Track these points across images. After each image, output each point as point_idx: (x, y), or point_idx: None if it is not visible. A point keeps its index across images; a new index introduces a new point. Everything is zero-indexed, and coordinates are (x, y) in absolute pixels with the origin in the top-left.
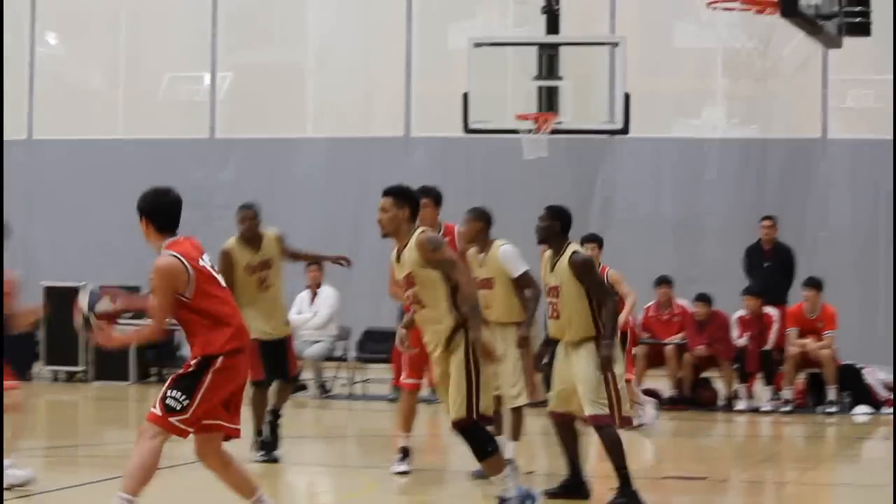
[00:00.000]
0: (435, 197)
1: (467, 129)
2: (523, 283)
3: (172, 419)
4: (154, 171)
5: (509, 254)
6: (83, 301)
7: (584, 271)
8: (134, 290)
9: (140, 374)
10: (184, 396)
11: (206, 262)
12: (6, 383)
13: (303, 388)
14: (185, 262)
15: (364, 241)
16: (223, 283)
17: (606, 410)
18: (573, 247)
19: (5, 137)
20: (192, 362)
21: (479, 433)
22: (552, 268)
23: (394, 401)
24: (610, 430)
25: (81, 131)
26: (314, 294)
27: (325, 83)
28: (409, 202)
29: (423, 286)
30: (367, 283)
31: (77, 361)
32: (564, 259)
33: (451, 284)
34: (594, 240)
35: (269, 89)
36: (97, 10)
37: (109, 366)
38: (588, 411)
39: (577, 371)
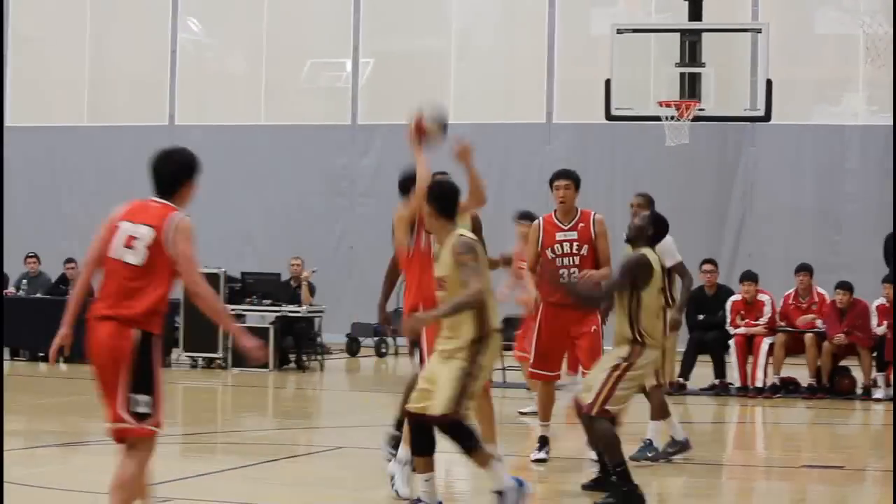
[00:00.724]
0: (575, 180)
1: (609, 116)
2: (678, 272)
3: None
4: (296, 158)
5: (667, 244)
6: None
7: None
8: (275, 276)
9: (280, 362)
10: None
11: None
12: None
13: None
14: None
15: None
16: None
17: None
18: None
19: (146, 123)
20: None
21: (462, 428)
22: None
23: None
24: (601, 423)
25: (223, 117)
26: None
27: (467, 69)
28: (434, 200)
29: (452, 291)
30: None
31: (216, 348)
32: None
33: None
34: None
35: (411, 76)
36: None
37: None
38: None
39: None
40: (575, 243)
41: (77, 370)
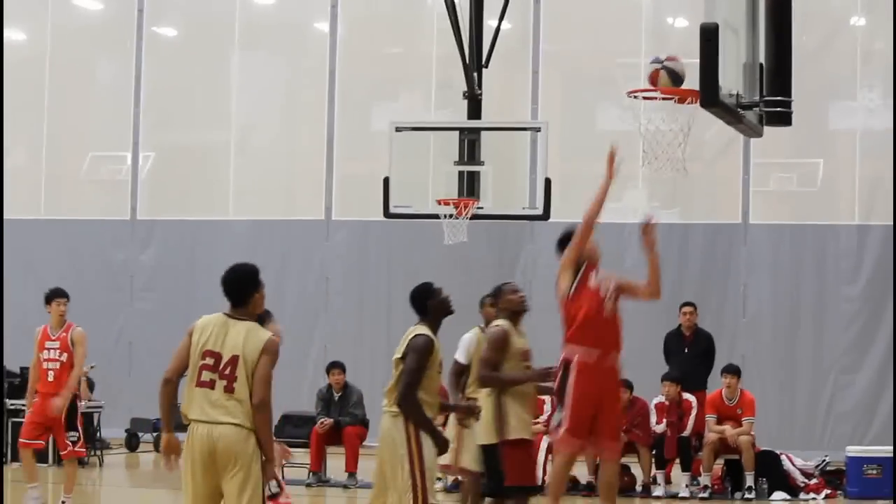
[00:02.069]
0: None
1: (388, 214)
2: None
3: None
4: (75, 252)
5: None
6: None
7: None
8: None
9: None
10: None
11: None
12: None
13: None
14: None
15: (283, 323)
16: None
17: None
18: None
19: None
20: None
21: None
22: None
23: (309, 486)
24: None
25: (4, 210)
26: None
27: (246, 164)
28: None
29: None
30: (287, 366)
31: None
32: None
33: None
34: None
35: (191, 170)
36: (20, 87)
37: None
38: None
39: None
40: None
41: None
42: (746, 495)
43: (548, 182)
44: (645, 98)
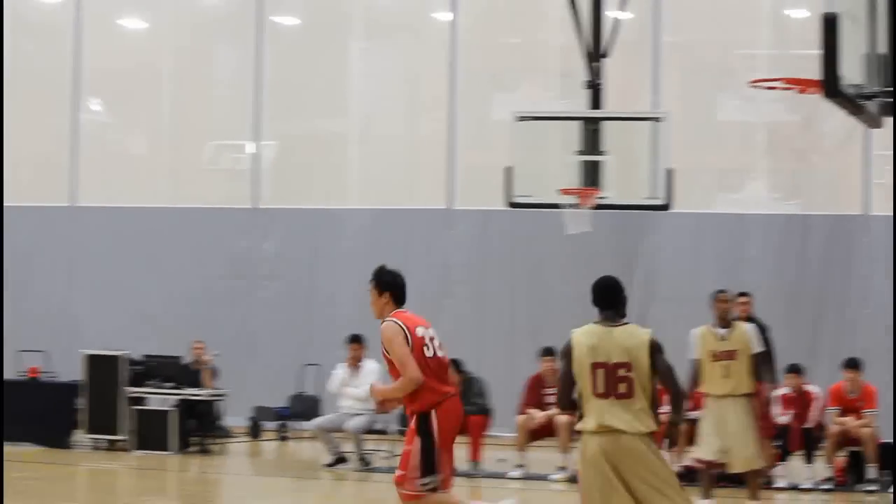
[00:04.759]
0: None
1: (510, 203)
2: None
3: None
4: (196, 241)
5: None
6: None
7: None
8: (176, 359)
9: (182, 445)
10: None
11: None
12: None
13: (343, 460)
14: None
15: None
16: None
17: None
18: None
19: (48, 203)
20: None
21: None
22: None
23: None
24: None
25: (125, 198)
26: (355, 369)
27: (368, 153)
28: None
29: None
30: None
31: (119, 430)
32: None
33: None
34: None
35: (313, 159)
36: (141, 75)
37: (150, 435)
38: None
39: None
40: None
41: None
42: (868, 487)
43: (669, 172)
44: (768, 88)
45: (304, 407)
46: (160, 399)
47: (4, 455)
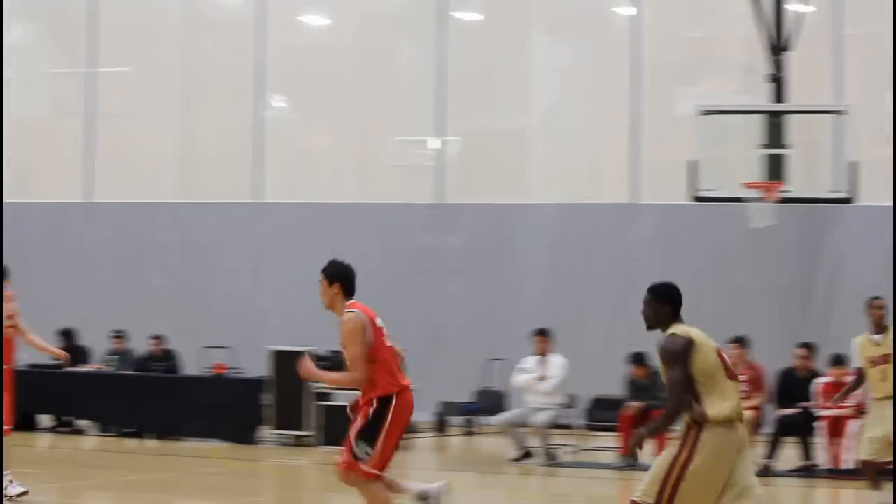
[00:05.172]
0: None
1: (694, 198)
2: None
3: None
4: (380, 236)
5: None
6: None
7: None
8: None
9: None
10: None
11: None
12: None
13: (529, 455)
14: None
15: (591, 308)
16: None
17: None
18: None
19: (232, 200)
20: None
21: None
22: None
23: (621, 469)
24: None
25: (309, 194)
26: (542, 361)
27: (551, 148)
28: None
29: None
30: (595, 351)
31: (305, 425)
32: None
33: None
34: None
35: (496, 154)
36: (324, 72)
37: (336, 430)
38: None
39: None
40: None
41: (166, 447)
42: None
43: (853, 165)
44: None
45: (490, 402)
46: (346, 394)
47: (191, 452)
